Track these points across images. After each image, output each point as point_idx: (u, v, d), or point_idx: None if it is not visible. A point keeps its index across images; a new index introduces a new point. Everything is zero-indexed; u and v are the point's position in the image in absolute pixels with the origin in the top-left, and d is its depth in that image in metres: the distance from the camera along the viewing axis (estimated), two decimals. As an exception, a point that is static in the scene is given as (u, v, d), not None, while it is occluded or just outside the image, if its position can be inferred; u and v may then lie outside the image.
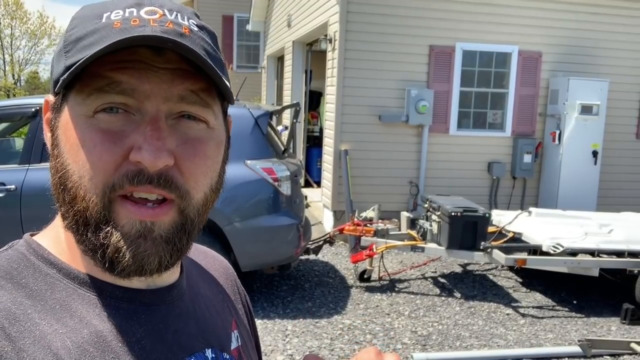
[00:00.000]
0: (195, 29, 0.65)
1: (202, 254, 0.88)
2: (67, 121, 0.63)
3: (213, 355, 0.73)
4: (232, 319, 0.82)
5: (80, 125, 0.62)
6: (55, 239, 0.69)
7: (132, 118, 0.62)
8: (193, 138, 0.65)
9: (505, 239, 5.73)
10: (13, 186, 4.59)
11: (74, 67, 0.60)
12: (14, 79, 28.42)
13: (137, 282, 0.68)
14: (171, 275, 0.73)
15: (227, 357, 0.75)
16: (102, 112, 0.62)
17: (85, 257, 0.66)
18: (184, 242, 0.66)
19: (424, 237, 6.04)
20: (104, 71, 0.61)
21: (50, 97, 0.69)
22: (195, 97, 0.64)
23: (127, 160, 0.61)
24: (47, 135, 0.69)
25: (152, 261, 0.63)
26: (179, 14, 0.65)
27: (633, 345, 4.20)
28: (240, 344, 0.80)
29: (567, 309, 5.48)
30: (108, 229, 0.62)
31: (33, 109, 4.76)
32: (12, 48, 28.27)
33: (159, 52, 0.62)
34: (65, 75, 0.60)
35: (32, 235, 0.71)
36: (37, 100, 4.94)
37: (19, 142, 5.84)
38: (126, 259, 0.62)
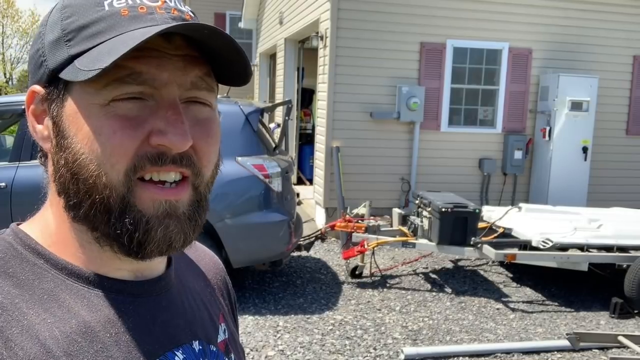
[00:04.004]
0: (193, 15, 0.67)
1: (192, 247, 0.87)
2: (76, 111, 0.62)
3: (200, 347, 0.73)
4: (219, 312, 0.82)
5: (95, 114, 0.62)
6: (43, 229, 0.69)
7: (146, 104, 0.63)
8: (203, 119, 0.67)
9: (496, 235, 5.77)
10: (3, 184, 4.59)
11: (118, 57, 0.57)
12: (5, 77, 28.25)
13: (126, 273, 0.69)
14: (159, 266, 0.73)
15: (214, 349, 0.75)
16: (118, 100, 0.62)
17: (76, 247, 0.67)
18: (202, 218, 0.68)
19: (415, 233, 6.06)
20: (121, 61, 0.59)
21: (38, 88, 0.66)
22: (204, 83, 0.66)
23: (145, 144, 0.62)
24: (34, 127, 0.68)
25: (179, 239, 0.65)
26: (176, 1, 0.66)
27: (620, 338, 4.24)
28: (227, 336, 0.80)
29: (556, 304, 5.53)
30: (134, 214, 0.63)
31: (23, 107, 4.74)
32: (3, 46, 28.12)
33: (169, 39, 0.63)
34: (107, 65, 0.57)
35: (18, 224, 0.71)
36: (27, 97, 4.92)
37: (9, 140, 5.83)
38: (157, 239, 0.63)
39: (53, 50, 0.64)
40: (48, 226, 0.69)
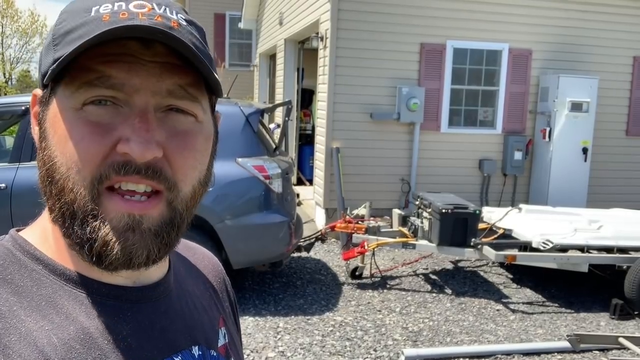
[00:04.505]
0: (184, 23, 0.65)
1: (191, 250, 0.88)
2: (55, 114, 0.63)
3: (200, 353, 0.73)
4: (219, 316, 0.82)
5: (68, 118, 0.62)
6: (42, 234, 0.69)
7: (120, 110, 0.62)
8: (182, 131, 0.65)
9: (496, 236, 5.77)
10: (3, 184, 4.58)
11: (62, 58, 0.60)
12: (5, 77, 28.23)
13: (123, 279, 0.68)
14: (157, 272, 0.72)
15: (214, 354, 0.75)
16: (90, 105, 0.62)
17: (72, 252, 0.66)
18: (172, 236, 0.66)
19: (415, 234, 6.06)
20: (93, 64, 0.61)
21: (38, 91, 0.68)
22: (183, 92, 0.64)
23: (114, 152, 0.61)
24: (34, 129, 0.69)
25: (141, 254, 0.63)
26: (167, 8, 0.65)
27: (621, 339, 4.23)
28: (227, 341, 0.80)
29: (557, 305, 5.52)
30: (96, 223, 0.61)
31: (23, 107, 4.75)
32: (2, 47, 28.10)
33: (148, 45, 0.62)
34: (54, 66, 0.60)
35: (18, 230, 0.71)
36: (27, 98, 4.93)
37: (9, 141, 5.83)
38: (114, 252, 0.62)
39: (46, 54, 0.65)
40: (46, 230, 0.68)
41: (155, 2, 0.65)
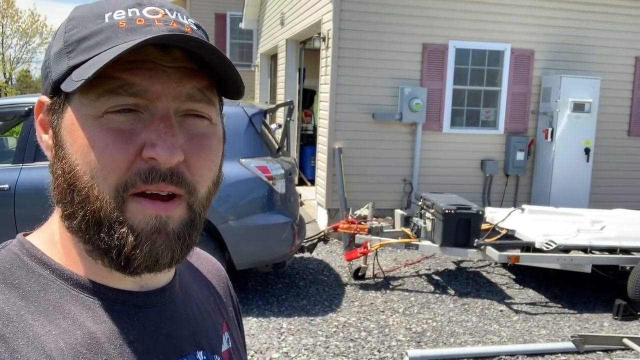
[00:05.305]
0: (195, 27, 0.67)
1: (194, 255, 0.88)
2: (73, 122, 0.63)
3: (204, 358, 0.73)
4: (223, 320, 0.83)
5: (89, 126, 0.62)
6: (49, 239, 0.69)
7: (140, 116, 0.62)
8: (199, 134, 0.66)
9: (499, 236, 5.76)
10: (6, 185, 4.58)
11: (99, 68, 0.58)
12: (5, 77, 28.21)
13: (131, 284, 0.68)
14: (164, 277, 0.73)
15: (218, 359, 0.76)
16: (112, 113, 0.62)
17: (80, 257, 0.66)
18: (193, 237, 0.67)
19: (417, 234, 6.06)
20: (114, 72, 0.60)
21: (45, 99, 0.68)
22: (201, 95, 0.65)
23: (138, 157, 0.62)
24: (41, 137, 0.69)
25: (166, 256, 0.64)
26: (178, 14, 0.66)
27: (625, 340, 4.23)
28: (230, 345, 0.81)
29: (560, 305, 5.52)
30: (123, 229, 0.62)
31: (26, 108, 4.74)
32: (3, 47, 28.09)
33: (166, 51, 0.62)
34: (90, 75, 0.58)
35: (25, 235, 0.71)
36: (30, 99, 4.92)
37: (12, 142, 5.82)
38: (143, 254, 0.62)
39: (56, 61, 0.65)
40: (53, 236, 0.69)
41: (167, 7, 0.65)
